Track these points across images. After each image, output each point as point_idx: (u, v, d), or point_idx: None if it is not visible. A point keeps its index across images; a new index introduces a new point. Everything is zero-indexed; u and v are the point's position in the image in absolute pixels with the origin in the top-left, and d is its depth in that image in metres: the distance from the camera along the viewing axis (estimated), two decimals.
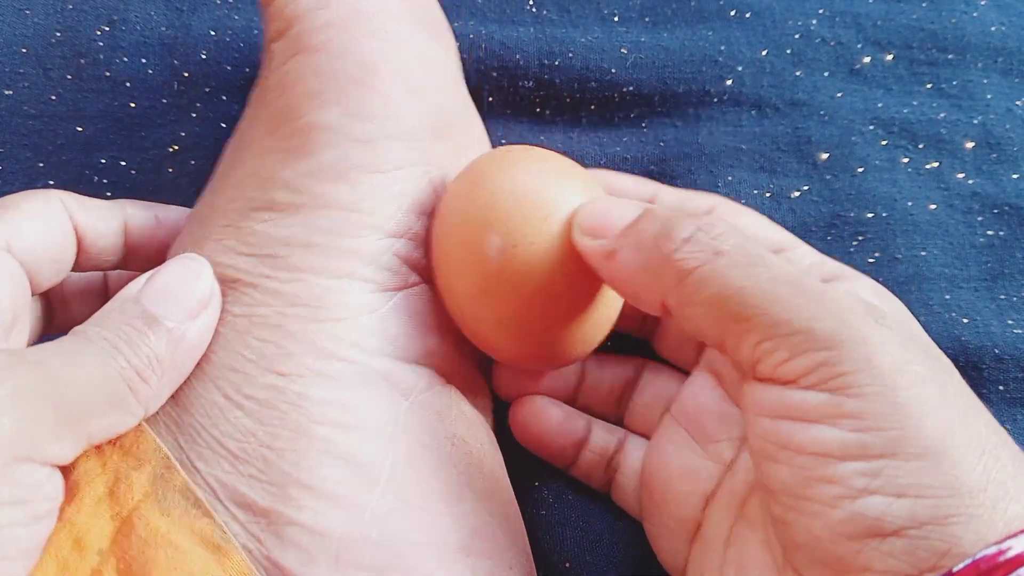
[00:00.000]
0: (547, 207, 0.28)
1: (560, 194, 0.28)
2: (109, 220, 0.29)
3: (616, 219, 0.26)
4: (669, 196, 0.33)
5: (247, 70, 0.38)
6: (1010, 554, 0.20)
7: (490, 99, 0.39)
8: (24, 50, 0.37)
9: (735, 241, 0.24)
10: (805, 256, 0.31)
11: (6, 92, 0.37)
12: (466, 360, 0.32)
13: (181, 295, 0.26)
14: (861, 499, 0.21)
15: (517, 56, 0.39)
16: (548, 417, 0.32)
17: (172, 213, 0.31)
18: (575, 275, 0.28)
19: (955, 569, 0.20)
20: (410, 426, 0.27)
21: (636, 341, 0.34)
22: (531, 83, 0.39)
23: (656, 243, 0.25)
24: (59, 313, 0.31)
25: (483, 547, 0.27)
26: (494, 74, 0.39)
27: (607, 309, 0.30)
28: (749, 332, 0.23)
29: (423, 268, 0.29)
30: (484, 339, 0.30)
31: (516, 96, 0.39)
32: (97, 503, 0.24)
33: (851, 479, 0.22)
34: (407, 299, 0.29)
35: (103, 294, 0.32)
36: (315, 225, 0.27)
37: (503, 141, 0.38)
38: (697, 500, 0.29)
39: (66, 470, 0.25)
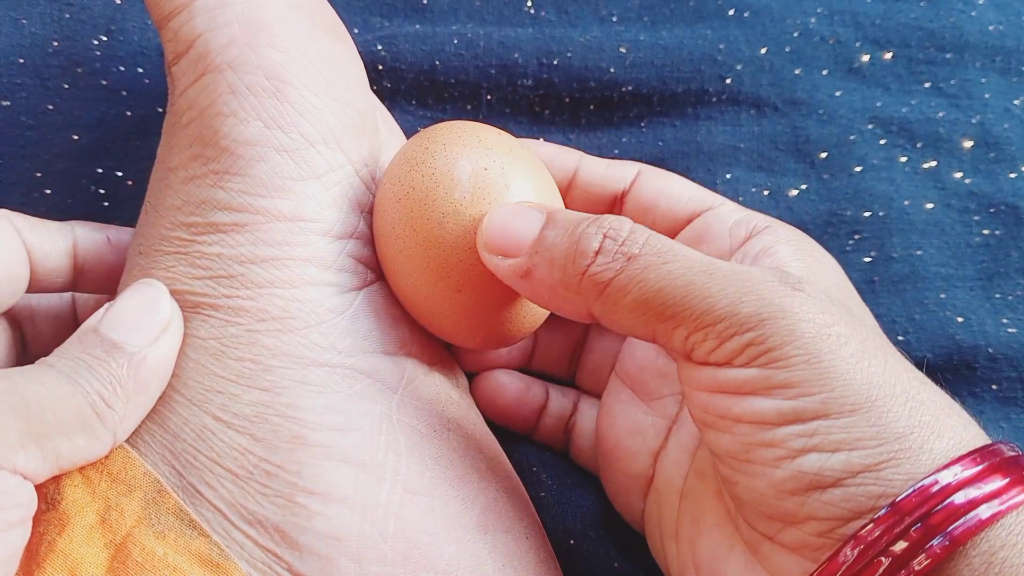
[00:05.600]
0: (472, 200, 0.28)
1: (500, 169, 0.28)
2: (57, 241, 0.30)
3: (521, 233, 0.27)
4: (592, 166, 0.33)
5: None
6: (937, 487, 0.22)
7: (488, 97, 0.39)
8: (21, 60, 0.37)
9: (644, 241, 0.25)
10: (729, 214, 0.31)
11: (3, 103, 0.36)
12: (442, 344, 0.32)
13: (139, 320, 0.26)
14: (800, 458, 0.23)
15: (515, 55, 0.38)
16: (509, 390, 0.34)
17: (124, 235, 0.31)
18: None
19: (898, 500, 0.22)
20: (404, 418, 0.28)
21: None
22: (530, 82, 0.39)
23: (569, 259, 0.26)
24: (31, 343, 0.31)
25: (498, 522, 0.28)
26: (492, 71, 0.38)
27: None
28: (676, 328, 0.25)
29: (377, 264, 0.30)
30: (434, 322, 0.30)
31: (515, 95, 0.39)
32: (89, 532, 0.25)
33: (789, 441, 0.23)
34: (371, 295, 0.29)
35: (74, 322, 0.32)
36: (264, 240, 0.27)
37: None
38: (646, 456, 0.31)
39: (53, 501, 0.25)
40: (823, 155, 0.39)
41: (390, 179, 0.29)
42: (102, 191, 0.36)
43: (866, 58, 0.40)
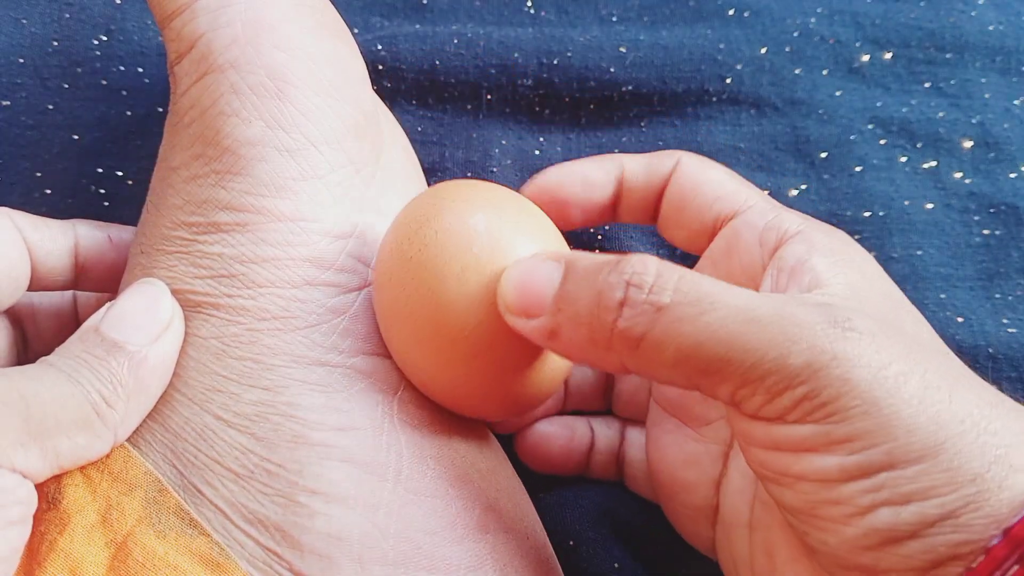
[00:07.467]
0: (491, 251, 0.26)
1: (504, 235, 0.27)
2: (59, 239, 0.30)
3: (541, 290, 0.25)
4: (634, 165, 0.32)
5: None
6: None
7: (488, 97, 0.39)
8: (21, 60, 0.37)
9: (673, 287, 0.23)
10: (757, 218, 0.29)
11: (3, 103, 0.37)
12: None
13: (140, 319, 0.26)
14: (870, 514, 0.22)
15: (515, 54, 0.38)
16: (555, 440, 0.33)
17: (126, 234, 0.31)
18: None
19: (1011, 527, 0.20)
20: (405, 418, 0.28)
21: None
22: (530, 82, 0.39)
23: (593, 315, 0.24)
24: (33, 342, 0.31)
25: (499, 522, 0.28)
26: (492, 71, 0.38)
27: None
28: (722, 383, 0.23)
29: None
30: (451, 394, 0.28)
31: (515, 95, 0.39)
32: (89, 531, 0.25)
33: (856, 498, 0.22)
34: (371, 296, 0.29)
35: (75, 321, 0.32)
36: (265, 240, 0.27)
37: (503, 141, 0.38)
38: (707, 485, 0.29)
39: (54, 500, 0.25)
40: (823, 155, 0.39)
41: (394, 241, 0.27)
42: (102, 191, 0.36)
43: (866, 58, 0.40)
